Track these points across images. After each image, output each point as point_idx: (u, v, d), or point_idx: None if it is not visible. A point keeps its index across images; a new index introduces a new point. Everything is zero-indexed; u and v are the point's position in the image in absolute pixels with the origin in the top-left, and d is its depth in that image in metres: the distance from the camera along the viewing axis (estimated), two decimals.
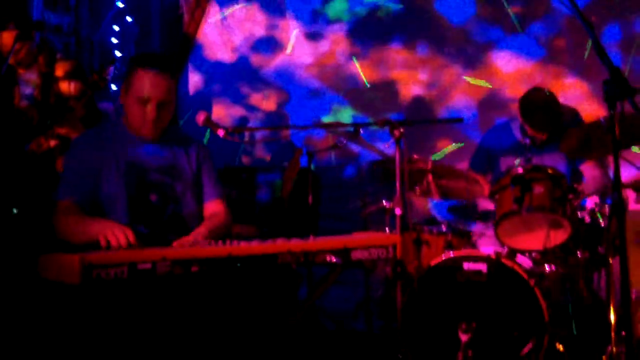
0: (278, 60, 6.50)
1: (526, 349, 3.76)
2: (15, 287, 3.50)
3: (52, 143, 4.02)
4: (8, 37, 4.01)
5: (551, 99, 4.72)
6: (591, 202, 4.26)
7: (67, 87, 4.17)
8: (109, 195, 3.19)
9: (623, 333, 3.61)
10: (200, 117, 3.35)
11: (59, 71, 4.22)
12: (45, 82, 4.13)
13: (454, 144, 5.93)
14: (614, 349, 3.62)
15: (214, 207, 3.45)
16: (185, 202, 3.34)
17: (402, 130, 3.65)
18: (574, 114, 5.12)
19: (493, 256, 4.00)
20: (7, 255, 3.73)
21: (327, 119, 6.33)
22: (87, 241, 2.88)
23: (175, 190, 3.31)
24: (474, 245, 4.51)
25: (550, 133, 4.69)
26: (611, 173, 4.86)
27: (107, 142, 3.27)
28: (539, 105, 4.69)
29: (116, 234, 2.81)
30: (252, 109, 6.61)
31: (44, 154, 4.00)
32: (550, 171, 4.15)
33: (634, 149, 4.87)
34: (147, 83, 3.19)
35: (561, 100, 4.81)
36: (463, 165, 5.55)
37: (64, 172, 3.26)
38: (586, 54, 5.33)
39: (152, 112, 3.21)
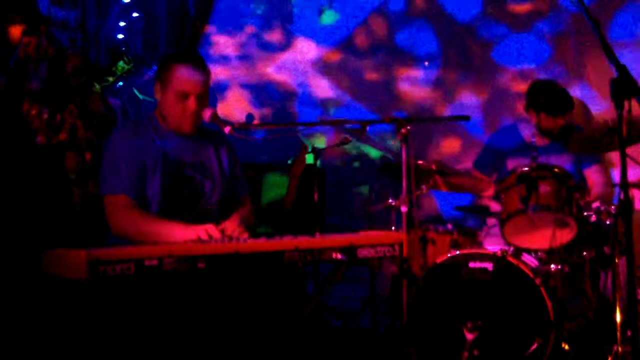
0: (284, 57, 6.49)
1: (532, 348, 3.76)
2: (22, 282, 3.51)
3: (62, 137, 4.02)
4: (16, 32, 4.02)
5: (555, 82, 4.88)
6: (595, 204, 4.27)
7: (75, 82, 4.19)
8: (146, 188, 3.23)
9: (629, 333, 3.61)
10: (207, 114, 3.33)
11: (69, 67, 4.23)
12: (55, 77, 4.14)
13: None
14: (620, 348, 3.62)
15: (244, 202, 3.56)
16: (212, 199, 3.38)
17: (408, 127, 3.64)
18: (581, 105, 5.17)
19: (499, 254, 4.00)
20: (13, 251, 3.73)
21: (333, 117, 6.32)
22: (156, 241, 2.91)
23: (204, 188, 3.35)
24: (480, 244, 4.51)
25: (566, 117, 4.72)
26: (616, 175, 4.88)
27: (145, 135, 3.29)
28: (548, 89, 4.77)
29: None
30: (258, 105, 6.60)
31: (52, 148, 4.00)
32: (556, 170, 4.14)
33: None
34: (186, 78, 3.27)
35: None
36: (466, 164, 5.54)
37: (109, 166, 3.22)
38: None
39: (193, 106, 3.27)
